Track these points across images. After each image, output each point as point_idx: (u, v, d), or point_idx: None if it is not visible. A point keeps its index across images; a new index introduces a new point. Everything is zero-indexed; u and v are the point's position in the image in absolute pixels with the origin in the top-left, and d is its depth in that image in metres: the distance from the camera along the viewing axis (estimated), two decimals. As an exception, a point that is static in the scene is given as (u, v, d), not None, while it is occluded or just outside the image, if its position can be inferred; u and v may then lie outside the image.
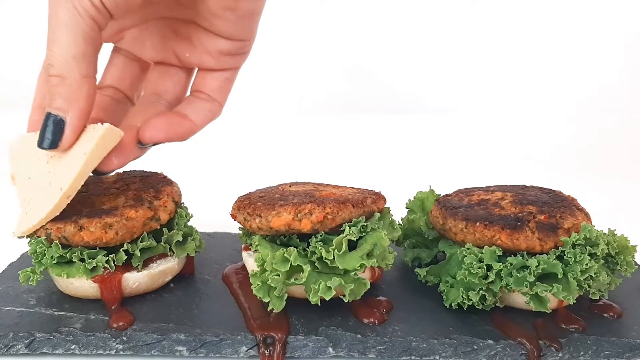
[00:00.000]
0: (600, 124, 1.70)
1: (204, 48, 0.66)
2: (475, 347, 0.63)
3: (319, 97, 1.89)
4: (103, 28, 0.57)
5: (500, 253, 0.66)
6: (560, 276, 0.63)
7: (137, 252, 0.69)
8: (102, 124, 0.61)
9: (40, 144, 0.59)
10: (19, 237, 0.69)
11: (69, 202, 0.64)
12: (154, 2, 0.62)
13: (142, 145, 0.63)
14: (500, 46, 1.85)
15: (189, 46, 0.67)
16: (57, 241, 0.68)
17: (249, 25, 0.65)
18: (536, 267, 0.63)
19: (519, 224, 0.66)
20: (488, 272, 0.65)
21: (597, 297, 0.66)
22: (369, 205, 0.69)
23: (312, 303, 0.64)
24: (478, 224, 0.67)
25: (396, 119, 1.74)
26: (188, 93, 0.70)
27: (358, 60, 1.87)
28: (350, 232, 0.65)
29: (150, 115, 0.65)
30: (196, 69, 0.69)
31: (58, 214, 0.65)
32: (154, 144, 0.64)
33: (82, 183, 0.62)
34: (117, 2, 0.56)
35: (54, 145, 0.59)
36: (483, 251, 0.65)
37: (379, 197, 0.71)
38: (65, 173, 0.62)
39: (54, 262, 0.68)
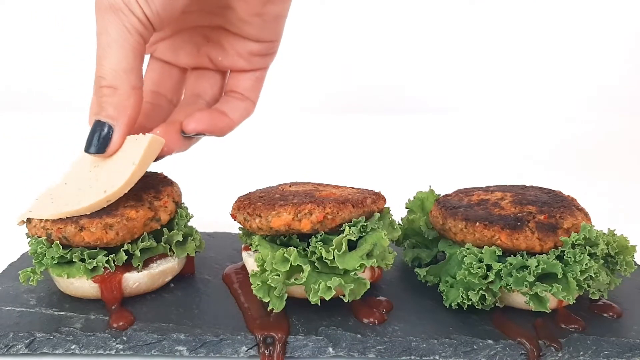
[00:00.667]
0: (600, 124, 1.70)
1: (235, 51, 0.72)
2: (475, 347, 0.63)
3: (319, 97, 1.89)
4: (147, 41, 0.62)
5: (500, 253, 0.66)
6: (560, 276, 0.63)
7: (138, 252, 0.70)
8: (144, 134, 0.66)
9: (88, 149, 0.64)
10: (24, 221, 0.70)
11: (105, 206, 0.67)
12: (187, 13, 0.66)
13: (185, 135, 0.68)
14: (500, 46, 1.85)
15: (221, 50, 0.72)
16: (58, 241, 0.68)
17: (276, 28, 0.70)
18: (536, 267, 0.63)
19: (518, 224, 0.66)
20: (488, 272, 0.65)
21: (597, 297, 0.66)
22: (369, 205, 0.69)
23: (312, 303, 0.64)
24: (478, 224, 0.67)
25: (396, 119, 1.74)
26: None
27: (358, 61, 1.87)
28: (350, 232, 0.65)
29: (192, 112, 0.70)
30: (229, 71, 0.74)
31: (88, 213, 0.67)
32: (197, 135, 0.69)
33: (127, 190, 0.66)
34: (160, 17, 0.61)
35: (101, 150, 0.63)
36: (483, 251, 0.65)
37: (378, 197, 0.71)
38: (111, 179, 0.66)
39: (54, 262, 0.68)
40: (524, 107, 1.90)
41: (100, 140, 0.63)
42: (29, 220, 0.69)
